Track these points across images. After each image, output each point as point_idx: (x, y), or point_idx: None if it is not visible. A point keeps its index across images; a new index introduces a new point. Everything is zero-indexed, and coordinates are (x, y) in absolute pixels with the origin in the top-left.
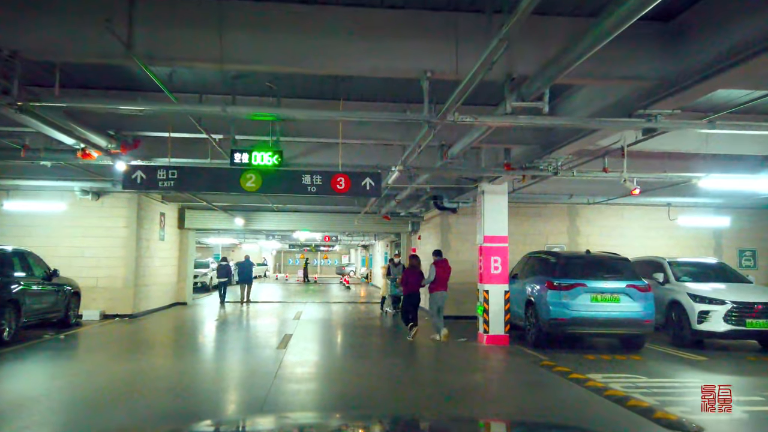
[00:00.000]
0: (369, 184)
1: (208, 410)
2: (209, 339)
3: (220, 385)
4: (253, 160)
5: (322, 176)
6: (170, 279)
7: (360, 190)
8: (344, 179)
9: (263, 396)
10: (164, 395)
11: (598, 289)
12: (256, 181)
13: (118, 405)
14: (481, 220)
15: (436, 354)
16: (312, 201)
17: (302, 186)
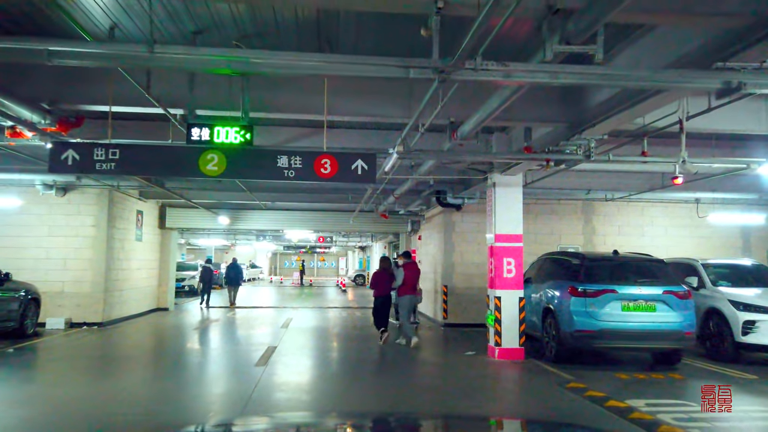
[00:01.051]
0: (361, 167)
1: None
2: (179, 353)
3: (173, 417)
4: (216, 137)
5: (302, 158)
6: (149, 283)
7: (350, 175)
8: (330, 161)
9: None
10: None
11: (631, 296)
12: (219, 163)
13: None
14: (492, 217)
15: (442, 372)
16: (303, 198)
17: (277, 170)
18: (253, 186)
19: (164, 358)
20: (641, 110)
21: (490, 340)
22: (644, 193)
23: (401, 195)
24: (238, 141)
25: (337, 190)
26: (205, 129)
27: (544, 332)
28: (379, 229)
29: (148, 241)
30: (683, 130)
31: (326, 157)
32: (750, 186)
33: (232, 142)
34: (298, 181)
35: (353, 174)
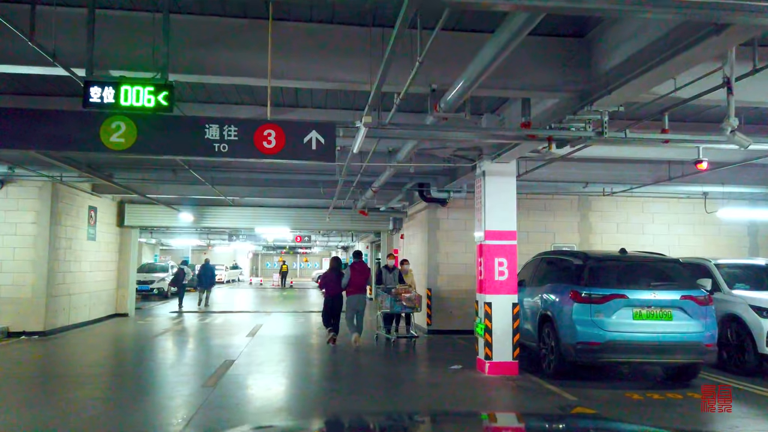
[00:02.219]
0: (316, 141)
1: None
2: (118, 370)
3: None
4: (122, 100)
5: (238, 128)
6: (105, 286)
7: (301, 151)
8: (275, 133)
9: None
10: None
11: (643, 302)
12: (126, 133)
13: None
14: (481, 211)
15: (421, 394)
16: (273, 193)
17: (205, 143)
18: (219, 180)
19: (97, 376)
20: (668, 70)
21: (479, 352)
22: (648, 186)
23: (380, 188)
24: (153, 105)
25: (304, 183)
26: (108, 88)
27: (540, 343)
28: (359, 228)
29: (104, 241)
30: (732, 90)
31: (270, 127)
32: (762, 179)
33: (144, 106)
34: (231, 159)
35: (305, 150)
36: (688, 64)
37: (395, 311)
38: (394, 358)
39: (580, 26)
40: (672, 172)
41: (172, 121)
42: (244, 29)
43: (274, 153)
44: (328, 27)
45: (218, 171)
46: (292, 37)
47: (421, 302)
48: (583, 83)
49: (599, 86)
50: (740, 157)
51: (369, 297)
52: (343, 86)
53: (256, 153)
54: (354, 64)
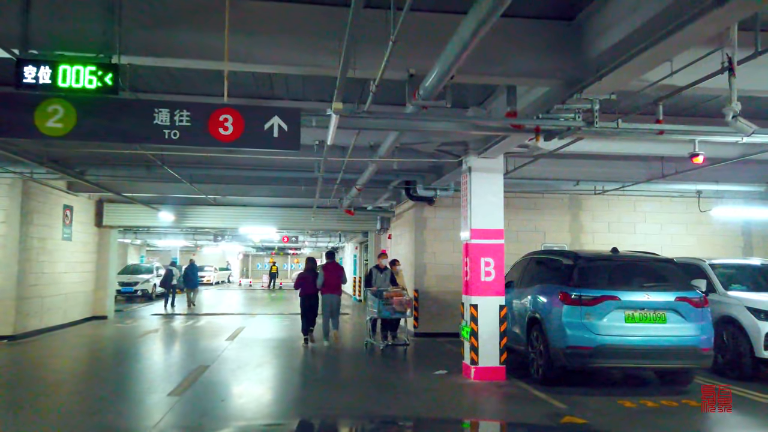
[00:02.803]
0: (278, 128)
1: None
2: (83, 375)
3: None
4: (60, 81)
5: (191, 113)
6: (83, 288)
7: (262, 139)
8: (233, 118)
9: None
10: None
11: (636, 304)
12: (65, 117)
13: None
14: (467, 208)
15: (403, 402)
16: (255, 191)
17: (154, 129)
18: (198, 178)
19: (57, 384)
20: (664, 52)
21: (465, 356)
22: (641, 184)
23: (364, 186)
24: (95, 86)
25: (285, 180)
26: (44, 68)
27: (529, 346)
28: (346, 228)
29: (81, 241)
30: (734, 71)
31: (227, 112)
32: (756, 177)
33: (85, 88)
34: (183, 147)
35: (267, 137)
36: (686, 44)
37: (383, 316)
38: (378, 362)
39: (568, 8)
40: (665, 169)
41: (117, 105)
42: (204, 8)
43: (231, 141)
44: (295, 6)
45: (196, 168)
46: (256, 18)
47: (411, 306)
48: (571, 70)
49: (589, 72)
50: (736, 152)
51: (356, 299)
52: (312, 71)
53: (211, 140)
54: (324, 47)
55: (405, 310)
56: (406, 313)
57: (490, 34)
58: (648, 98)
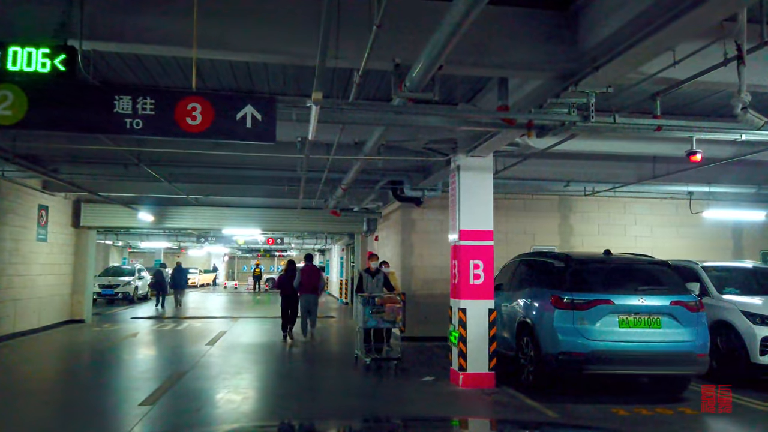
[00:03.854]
0: (252, 117)
1: None
2: (51, 384)
3: None
4: (10, 64)
5: (156, 100)
6: (59, 291)
7: (234, 129)
8: (201, 107)
9: None
10: None
11: (631, 308)
12: (15, 104)
13: None
14: (455, 209)
15: (391, 408)
16: (237, 191)
17: (114, 118)
18: (177, 177)
19: (24, 394)
20: (666, 39)
21: (453, 362)
22: (632, 185)
23: (350, 186)
24: (48, 70)
25: (267, 180)
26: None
27: (519, 352)
28: (331, 229)
29: (58, 242)
30: (743, 60)
31: (195, 100)
32: (748, 178)
33: (37, 71)
34: (148, 138)
35: (239, 128)
36: (688, 32)
37: (368, 326)
38: (362, 369)
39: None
40: (657, 170)
41: (73, 92)
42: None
43: (200, 131)
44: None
45: (175, 166)
46: (229, 1)
47: (402, 314)
48: (566, 61)
49: (585, 64)
50: (730, 153)
51: (342, 301)
52: (290, 60)
53: (178, 131)
54: (303, 33)
55: (395, 318)
56: (396, 323)
57: (480, 23)
58: (644, 93)
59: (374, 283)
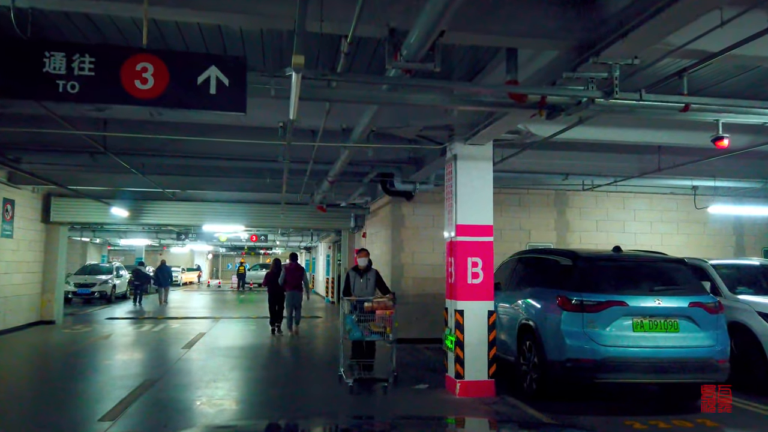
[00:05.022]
0: (216, 82)
1: None
2: (2, 395)
3: None
4: None
5: (97, 59)
6: (27, 290)
7: (194, 97)
8: (154, 67)
9: None
10: None
11: (646, 311)
12: None
13: None
14: (452, 201)
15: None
16: (217, 185)
17: (43, 80)
18: (152, 168)
19: None
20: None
21: (448, 368)
22: (634, 179)
23: (337, 178)
24: None
25: (247, 171)
26: None
27: (520, 357)
28: (318, 226)
29: (25, 239)
30: None
31: (146, 58)
32: (754, 172)
33: None
34: (109, 118)
35: (201, 95)
36: None
37: (352, 338)
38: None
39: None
40: (662, 162)
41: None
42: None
43: (153, 97)
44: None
45: (146, 156)
46: None
47: (392, 323)
48: (586, 29)
49: (609, 30)
50: (744, 142)
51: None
52: (265, 23)
53: (125, 96)
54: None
55: (385, 329)
56: (387, 335)
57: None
58: (665, 73)
59: (363, 284)
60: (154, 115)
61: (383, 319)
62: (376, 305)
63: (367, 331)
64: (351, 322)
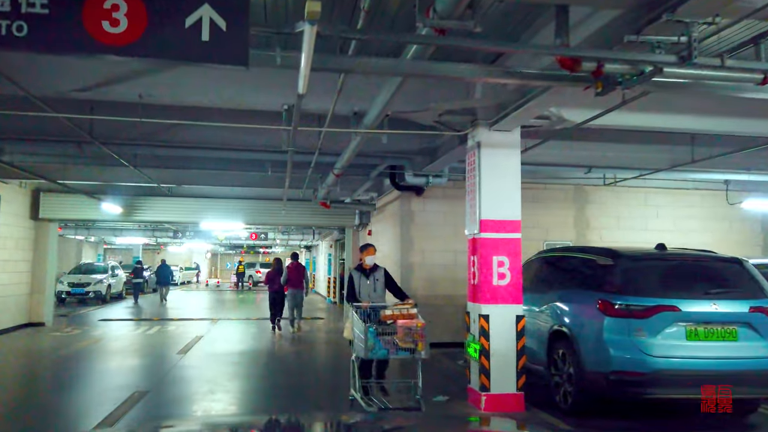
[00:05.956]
0: (210, 26)
1: None
2: None
3: None
4: None
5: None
6: (14, 291)
7: (181, 44)
8: (127, 5)
9: None
10: None
11: (701, 317)
12: None
13: None
14: (475, 195)
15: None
16: (213, 179)
17: None
18: (145, 160)
19: None
20: None
21: (471, 380)
22: (662, 172)
23: (344, 170)
24: None
25: (245, 163)
26: None
27: (551, 367)
28: (320, 223)
29: (12, 237)
30: None
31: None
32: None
33: None
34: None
35: (189, 41)
36: None
37: (377, 356)
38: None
39: None
40: (696, 154)
41: None
42: None
43: (125, 44)
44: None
45: (137, 146)
46: None
47: (425, 337)
48: None
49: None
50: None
51: (330, 300)
52: None
53: (88, 42)
54: None
55: (416, 344)
56: (420, 352)
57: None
58: (734, 40)
59: (371, 286)
60: (143, 97)
61: (411, 331)
62: (395, 314)
63: (392, 347)
64: (374, 337)
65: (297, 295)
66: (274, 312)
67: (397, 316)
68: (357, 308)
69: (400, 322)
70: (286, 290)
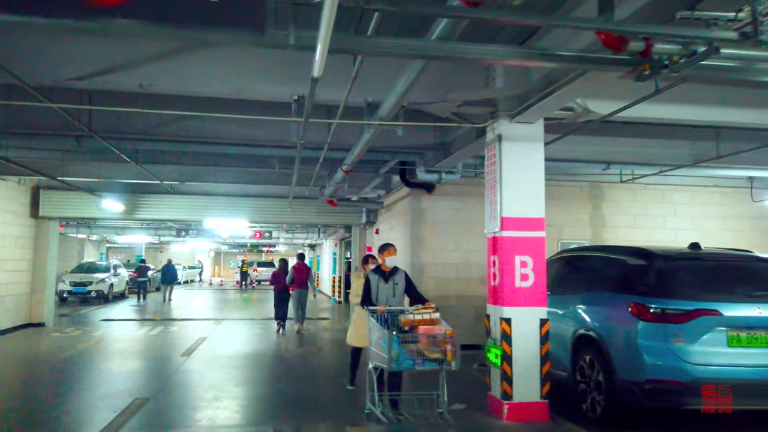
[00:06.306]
0: None
1: None
2: None
3: None
4: None
5: None
6: (14, 290)
7: (185, 5)
8: None
9: None
10: None
11: (744, 321)
12: None
13: None
14: (496, 191)
15: None
16: (218, 175)
17: None
18: (146, 154)
19: None
20: None
21: (492, 387)
22: (684, 167)
23: (353, 166)
24: None
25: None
26: None
27: (577, 374)
28: (326, 221)
29: (12, 235)
30: None
31: None
32: None
33: None
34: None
35: (195, 1)
36: None
37: (403, 367)
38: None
39: None
40: (721, 149)
41: None
42: None
43: (119, 3)
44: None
45: (139, 140)
46: None
47: (455, 345)
48: None
49: None
50: None
51: (335, 299)
52: None
53: (80, 3)
54: None
55: (445, 354)
56: (450, 363)
57: None
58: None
59: (390, 290)
60: (144, 86)
61: (436, 339)
62: (417, 320)
63: (418, 357)
64: (399, 346)
65: (302, 294)
66: (278, 312)
67: (419, 322)
68: (373, 312)
69: (422, 329)
70: (291, 290)
